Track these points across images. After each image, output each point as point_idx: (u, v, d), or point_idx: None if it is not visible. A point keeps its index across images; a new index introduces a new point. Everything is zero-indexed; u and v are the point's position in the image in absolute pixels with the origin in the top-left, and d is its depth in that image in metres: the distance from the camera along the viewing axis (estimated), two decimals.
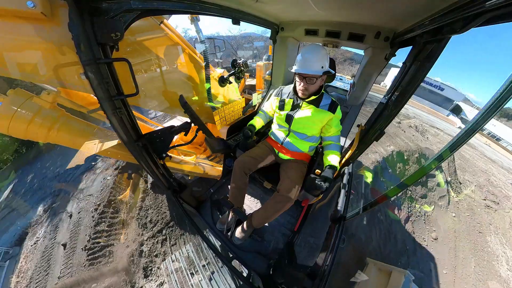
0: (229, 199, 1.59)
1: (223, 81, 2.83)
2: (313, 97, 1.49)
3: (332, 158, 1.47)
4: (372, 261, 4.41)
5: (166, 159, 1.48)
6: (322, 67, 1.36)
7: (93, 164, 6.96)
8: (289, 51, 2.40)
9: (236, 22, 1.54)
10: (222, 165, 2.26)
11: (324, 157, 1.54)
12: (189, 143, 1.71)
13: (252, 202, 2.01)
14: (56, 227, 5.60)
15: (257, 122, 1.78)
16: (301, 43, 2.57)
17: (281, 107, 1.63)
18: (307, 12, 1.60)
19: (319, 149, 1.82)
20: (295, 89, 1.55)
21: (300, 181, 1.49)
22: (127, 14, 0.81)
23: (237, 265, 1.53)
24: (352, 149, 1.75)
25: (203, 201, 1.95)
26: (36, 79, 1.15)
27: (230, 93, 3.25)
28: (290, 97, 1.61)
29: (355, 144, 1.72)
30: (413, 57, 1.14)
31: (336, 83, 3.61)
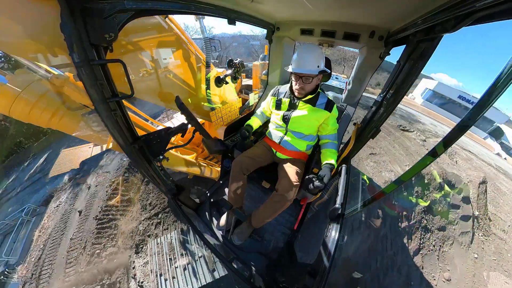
0: (228, 200, 1.59)
1: (219, 82, 2.82)
2: (310, 96, 1.50)
3: (329, 156, 1.49)
4: None
5: (163, 161, 1.46)
6: (318, 66, 1.37)
7: None
8: (285, 51, 2.41)
9: (231, 22, 1.53)
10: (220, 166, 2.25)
11: (321, 155, 1.55)
12: (186, 145, 1.70)
13: (251, 202, 2.00)
14: (76, 195, 6.45)
15: (254, 122, 1.78)
16: (297, 43, 2.58)
17: (278, 107, 1.64)
18: (302, 11, 1.61)
19: (316, 148, 1.83)
20: (291, 88, 1.56)
21: (298, 180, 1.49)
22: (121, 14, 0.79)
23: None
24: (348, 147, 1.77)
25: (202, 202, 1.93)
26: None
27: (227, 94, 3.25)
28: (286, 97, 1.62)
29: (351, 142, 1.74)
30: (407, 55, 1.16)
31: (332, 82, 3.64)
